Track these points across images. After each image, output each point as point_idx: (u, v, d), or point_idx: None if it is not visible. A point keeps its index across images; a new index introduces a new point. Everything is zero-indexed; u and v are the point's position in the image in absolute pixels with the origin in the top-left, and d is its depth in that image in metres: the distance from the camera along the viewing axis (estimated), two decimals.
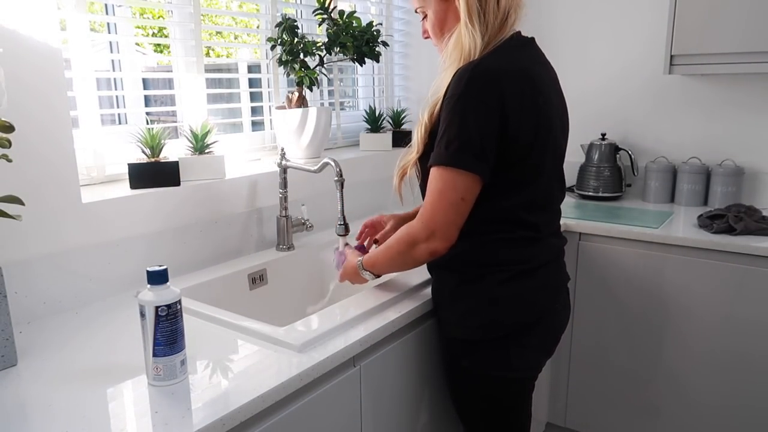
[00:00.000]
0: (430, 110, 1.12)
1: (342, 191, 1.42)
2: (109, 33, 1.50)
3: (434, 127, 1.10)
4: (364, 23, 1.74)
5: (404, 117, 2.21)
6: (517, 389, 1.22)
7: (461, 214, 1.07)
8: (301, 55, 1.68)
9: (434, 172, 1.06)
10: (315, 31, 1.89)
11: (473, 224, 1.09)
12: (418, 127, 1.14)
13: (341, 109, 2.15)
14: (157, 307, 0.84)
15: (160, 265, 0.87)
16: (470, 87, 1.02)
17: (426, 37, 1.25)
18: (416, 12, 1.23)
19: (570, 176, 1.91)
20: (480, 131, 1.02)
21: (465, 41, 1.07)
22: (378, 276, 1.23)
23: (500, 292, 1.13)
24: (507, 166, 1.07)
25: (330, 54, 1.74)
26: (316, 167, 1.48)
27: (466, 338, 1.16)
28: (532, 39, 1.17)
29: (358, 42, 1.70)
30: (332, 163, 1.41)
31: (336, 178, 1.41)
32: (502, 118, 1.03)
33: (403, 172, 1.19)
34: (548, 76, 1.16)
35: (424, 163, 1.12)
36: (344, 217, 1.43)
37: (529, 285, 1.14)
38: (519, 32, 1.14)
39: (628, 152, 2.19)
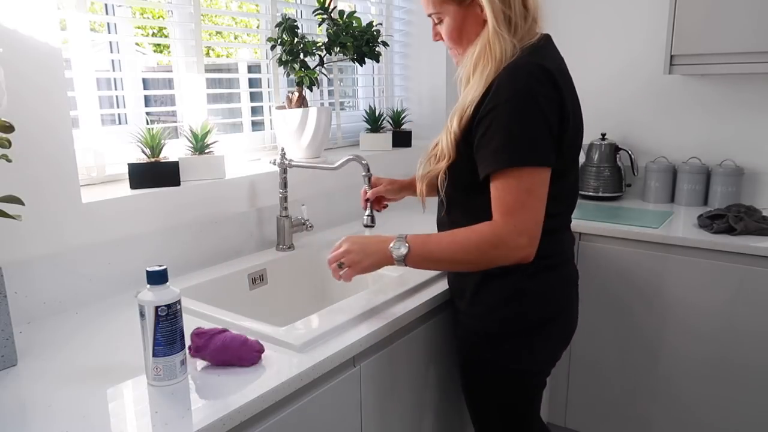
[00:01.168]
0: (459, 116, 1.09)
1: (369, 186, 1.41)
2: (109, 33, 1.50)
3: (465, 133, 1.09)
4: (364, 23, 1.74)
5: (404, 117, 2.21)
6: (537, 382, 1.24)
7: (544, 213, 1.05)
8: (301, 55, 1.68)
9: (516, 173, 1.02)
10: (315, 31, 1.89)
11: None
12: (445, 135, 1.12)
13: (341, 109, 2.15)
14: (156, 307, 0.84)
15: (160, 265, 0.87)
16: (531, 83, 1.02)
17: (437, 40, 1.22)
18: (429, 16, 1.19)
19: None
20: (547, 124, 1.02)
21: (496, 47, 1.07)
22: (407, 265, 1.13)
23: (527, 285, 1.13)
24: (566, 168, 1.10)
25: (330, 54, 1.74)
26: (337, 164, 1.49)
27: (491, 331, 1.17)
28: (549, 36, 1.16)
29: (358, 42, 1.70)
30: (358, 160, 1.42)
31: (364, 173, 1.40)
32: (561, 109, 1.04)
33: (430, 180, 1.16)
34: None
35: (453, 171, 1.12)
36: (372, 210, 1.42)
37: (552, 279, 1.17)
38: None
39: (628, 152, 2.19)
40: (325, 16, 1.71)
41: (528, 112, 1.02)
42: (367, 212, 1.41)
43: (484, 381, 1.23)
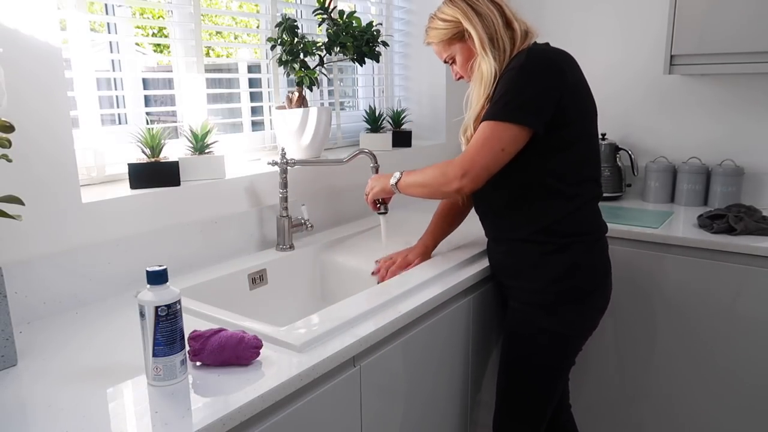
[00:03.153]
0: (463, 128, 1.35)
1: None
2: (109, 33, 1.50)
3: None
4: (364, 23, 1.74)
5: (404, 117, 2.21)
6: (576, 345, 1.39)
7: (497, 163, 1.23)
8: (301, 55, 1.68)
9: (483, 125, 1.22)
10: (315, 31, 1.89)
11: (562, 185, 1.26)
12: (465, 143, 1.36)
13: (341, 109, 2.15)
14: (156, 307, 0.84)
15: (160, 265, 0.87)
16: (531, 59, 1.21)
17: (459, 78, 1.41)
18: (445, 62, 1.40)
19: None
20: (537, 91, 1.20)
21: (483, 68, 1.27)
22: (400, 191, 1.39)
23: (583, 260, 1.30)
24: (578, 135, 1.27)
25: (330, 54, 1.74)
26: (345, 158, 1.58)
27: (548, 302, 1.31)
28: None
29: (358, 42, 1.70)
30: (366, 153, 1.55)
31: (372, 164, 1.54)
32: (563, 83, 1.21)
33: None
34: None
35: None
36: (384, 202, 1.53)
37: (601, 252, 1.36)
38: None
39: (628, 152, 2.19)
40: (325, 16, 1.71)
41: (521, 81, 1.20)
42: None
43: (533, 346, 1.35)
